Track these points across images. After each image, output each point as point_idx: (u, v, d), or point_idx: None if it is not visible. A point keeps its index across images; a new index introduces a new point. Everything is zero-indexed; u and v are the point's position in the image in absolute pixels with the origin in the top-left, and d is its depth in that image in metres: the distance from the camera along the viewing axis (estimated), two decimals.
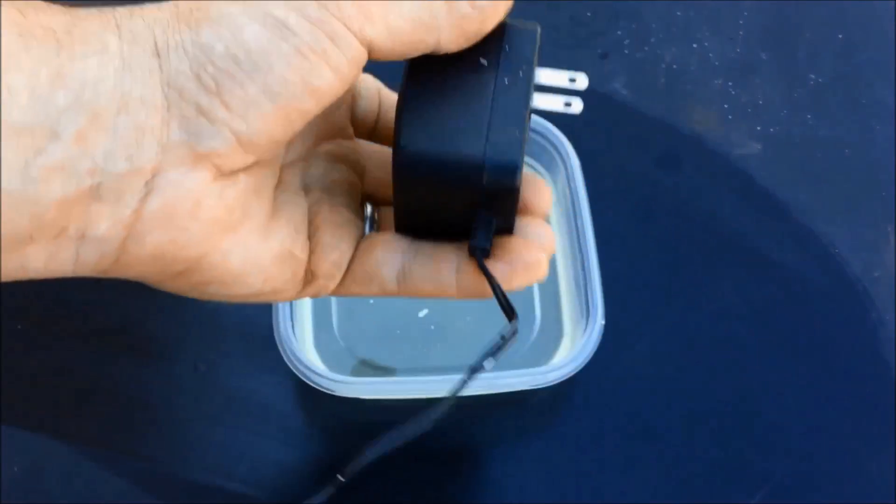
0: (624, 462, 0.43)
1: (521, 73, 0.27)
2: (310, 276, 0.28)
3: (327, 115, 0.28)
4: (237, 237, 0.26)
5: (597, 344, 0.41)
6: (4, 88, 0.21)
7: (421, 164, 0.26)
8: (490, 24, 0.26)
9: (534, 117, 0.46)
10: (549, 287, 0.46)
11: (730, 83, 0.54)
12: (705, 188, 0.50)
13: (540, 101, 0.29)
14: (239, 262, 0.26)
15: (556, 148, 0.46)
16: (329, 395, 0.40)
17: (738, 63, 0.55)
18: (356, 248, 0.29)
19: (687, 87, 0.54)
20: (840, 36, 0.56)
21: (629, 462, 0.43)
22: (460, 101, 0.26)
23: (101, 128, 0.22)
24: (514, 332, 0.27)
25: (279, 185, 0.28)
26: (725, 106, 0.53)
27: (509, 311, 0.27)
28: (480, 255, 0.27)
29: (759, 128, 0.52)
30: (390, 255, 0.29)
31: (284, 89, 0.23)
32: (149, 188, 0.23)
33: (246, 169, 0.25)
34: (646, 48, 0.55)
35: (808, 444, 0.43)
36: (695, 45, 0.55)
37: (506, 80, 0.27)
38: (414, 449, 0.44)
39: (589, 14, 0.56)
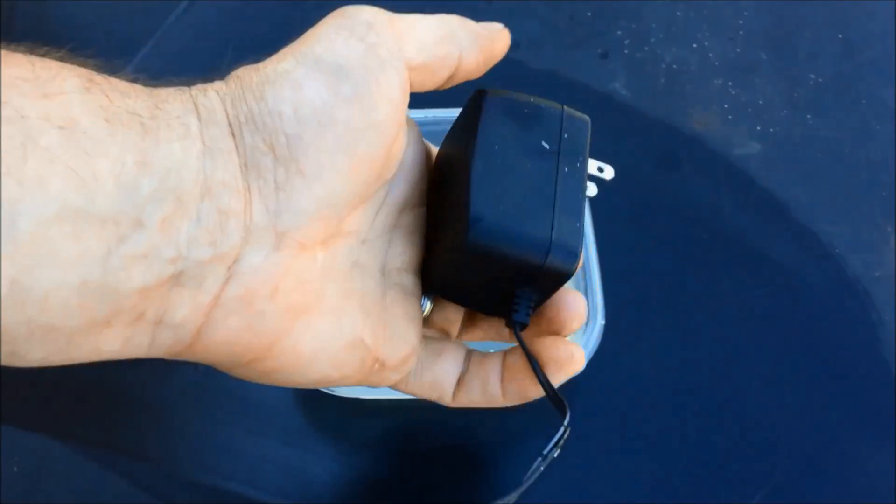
0: (624, 462, 0.43)
1: (578, 163, 0.28)
2: (378, 366, 0.27)
3: (406, 177, 0.29)
4: (309, 320, 0.25)
5: (597, 344, 0.41)
6: (91, 176, 0.20)
7: (490, 237, 0.26)
8: (500, 45, 0.28)
9: None
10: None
11: (730, 83, 0.54)
12: (705, 188, 0.50)
13: None
14: (309, 347, 0.25)
15: None
16: (329, 395, 0.40)
17: (738, 63, 0.55)
18: (423, 349, 0.29)
19: (687, 87, 0.54)
20: (840, 36, 0.56)
21: (629, 462, 0.43)
22: (527, 182, 0.27)
23: (185, 214, 0.21)
24: (567, 425, 0.29)
25: (356, 265, 0.27)
26: (725, 106, 0.53)
27: (559, 405, 0.28)
28: (519, 329, 0.28)
29: (759, 128, 0.52)
30: (453, 365, 0.29)
31: (351, 137, 0.23)
32: (230, 273, 0.23)
33: (324, 244, 0.25)
34: (646, 48, 0.55)
35: (808, 444, 0.43)
36: (695, 45, 0.55)
37: (566, 168, 0.28)
38: (414, 449, 0.44)
39: (589, 14, 0.56)
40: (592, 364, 0.40)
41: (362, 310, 0.27)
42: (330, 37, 0.24)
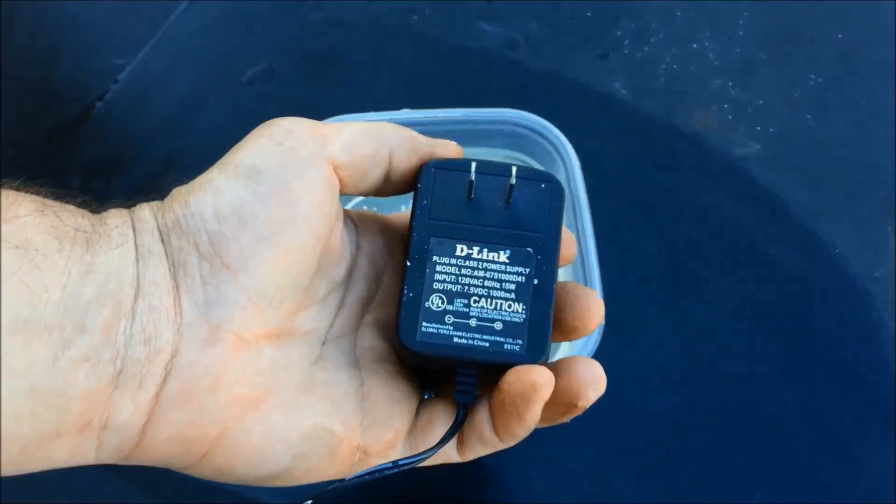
0: (624, 462, 0.43)
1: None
2: (361, 454, 0.28)
3: (364, 276, 0.29)
4: (260, 412, 0.25)
5: (597, 344, 0.41)
6: (42, 288, 0.22)
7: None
8: (441, 150, 0.29)
9: (534, 116, 0.46)
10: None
11: (730, 83, 0.54)
12: (705, 188, 0.50)
13: None
14: (261, 438, 0.25)
15: (556, 148, 0.46)
16: None
17: (738, 63, 0.55)
18: (415, 420, 0.29)
19: (687, 87, 0.54)
20: (840, 36, 0.56)
21: (629, 462, 0.43)
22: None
23: (122, 315, 0.23)
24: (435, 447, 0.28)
25: (319, 360, 0.28)
26: (725, 106, 0.53)
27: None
28: (465, 411, 0.28)
29: (759, 128, 0.52)
30: (445, 428, 0.28)
31: (273, 229, 0.25)
32: (168, 369, 0.24)
33: (271, 340, 0.26)
34: (646, 48, 0.55)
35: (807, 444, 0.43)
36: (695, 45, 0.55)
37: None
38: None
39: (589, 14, 0.56)
40: None
41: (329, 401, 0.27)
42: (250, 144, 0.26)
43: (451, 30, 0.55)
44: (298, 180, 0.25)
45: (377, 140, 0.28)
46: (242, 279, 0.24)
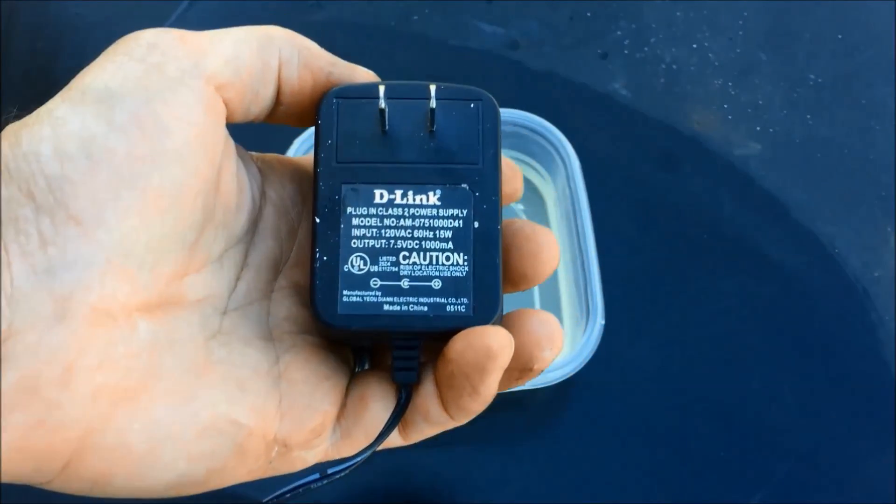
0: (624, 462, 0.43)
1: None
2: (281, 448, 0.23)
3: (273, 231, 0.24)
4: (137, 406, 0.20)
5: (597, 344, 0.41)
6: None
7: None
8: (340, 70, 0.24)
9: (534, 116, 0.46)
10: (549, 287, 0.46)
11: (730, 83, 0.54)
12: (705, 188, 0.50)
13: None
14: (142, 440, 0.20)
15: (556, 148, 0.46)
16: None
17: (738, 63, 0.55)
18: (345, 400, 0.24)
19: (687, 87, 0.54)
20: (840, 36, 0.56)
21: (629, 462, 0.43)
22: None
23: None
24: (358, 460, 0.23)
25: (219, 335, 0.22)
26: (725, 106, 0.53)
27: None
28: (408, 392, 0.23)
29: (759, 128, 0.52)
30: (383, 406, 0.23)
31: (137, 167, 0.20)
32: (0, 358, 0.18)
33: (150, 312, 0.21)
34: (646, 48, 0.55)
35: (808, 444, 0.43)
36: (695, 46, 0.55)
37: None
38: (414, 448, 0.44)
39: (589, 14, 0.56)
40: (592, 364, 0.40)
41: (233, 384, 0.22)
42: (102, 64, 0.21)
43: (451, 30, 0.55)
44: (167, 105, 0.20)
45: (266, 49, 0.23)
46: (98, 234, 0.19)
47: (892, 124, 0.52)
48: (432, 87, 0.23)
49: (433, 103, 0.23)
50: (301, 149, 0.45)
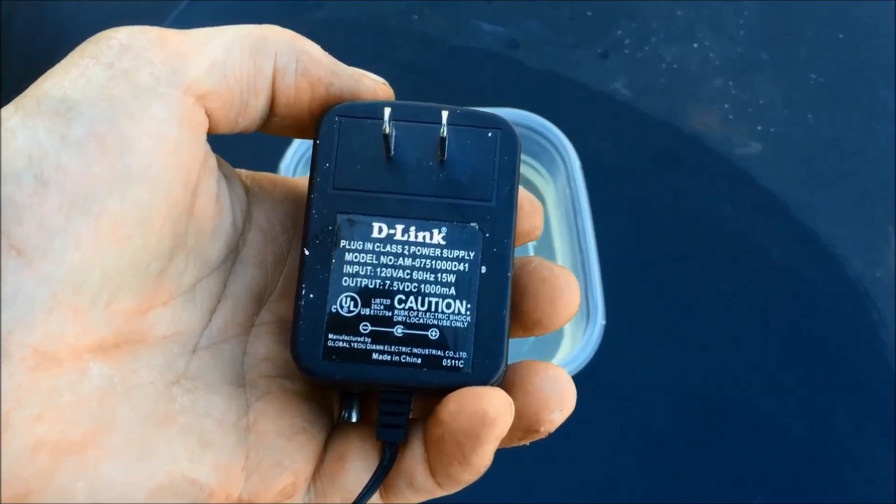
0: (624, 462, 0.43)
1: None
2: None
3: (257, 258, 0.21)
4: (83, 460, 0.18)
5: (597, 344, 0.40)
6: None
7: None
8: (344, 80, 0.21)
9: (534, 116, 0.46)
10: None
11: (730, 83, 0.54)
12: (705, 188, 0.50)
13: None
14: (88, 498, 0.18)
15: (556, 148, 0.46)
16: None
17: (738, 63, 0.55)
18: (322, 458, 0.21)
19: (687, 87, 0.54)
20: (840, 36, 0.56)
21: (629, 462, 0.43)
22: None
23: None
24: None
25: (183, 379, 0.20)
26: (725, 106, 0.53)
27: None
28: (393, 452, 0.21)
29: (759, 128, 0.52)
30: (363, 468, 0.21)
31: (93, 190, 0.17)
32: None
33: (104, 353, 0.18)
34: (646, 48, 0.55)
35: (808, 444, 0.43)
36: (695, 45, 0.55)
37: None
38: None
39: (589, 14, 0.56)
40: (592, 364, 0.40)
41: (195, 438, 0.19)
42: (65, 68, 0.18)
43: (451, 30, 0.55)
44: (133, 118, 0.18)
45: (260, 53, 0.20)
46: (43, 266, 0.17)
47: (892, 124, 0.52)
48: (444, 113, 0.21)
49: (445, 130, 0.20)
50: (294, 158, 0.43)
